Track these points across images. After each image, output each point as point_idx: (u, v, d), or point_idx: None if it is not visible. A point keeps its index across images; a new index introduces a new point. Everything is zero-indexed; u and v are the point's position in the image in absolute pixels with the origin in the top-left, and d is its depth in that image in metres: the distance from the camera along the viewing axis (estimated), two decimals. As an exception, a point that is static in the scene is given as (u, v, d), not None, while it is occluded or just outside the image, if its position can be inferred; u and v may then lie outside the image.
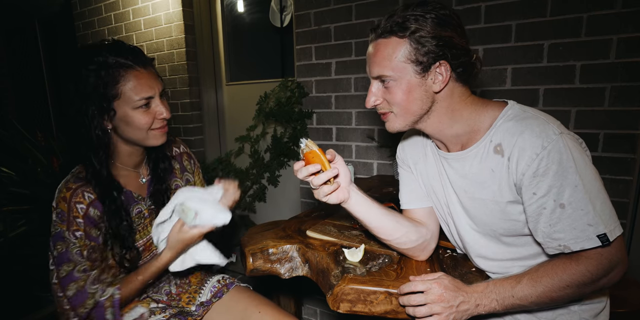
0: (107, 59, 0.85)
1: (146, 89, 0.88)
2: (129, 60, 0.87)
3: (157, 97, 0.92)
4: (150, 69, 0.92)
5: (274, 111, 2.01)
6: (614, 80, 1.31)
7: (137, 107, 0.88)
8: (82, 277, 0.86)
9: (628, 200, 1.35)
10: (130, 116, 0.89)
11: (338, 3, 1.84)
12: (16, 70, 3.96)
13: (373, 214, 0.87)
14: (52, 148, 2.11)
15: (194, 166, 1.19)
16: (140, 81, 0.87)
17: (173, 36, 2.51)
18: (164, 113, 0.92)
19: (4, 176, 2.02)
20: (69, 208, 0.87)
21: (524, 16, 1.42)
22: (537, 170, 0.70)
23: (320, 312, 2.08)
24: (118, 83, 0.85)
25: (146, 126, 0.91)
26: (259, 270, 1.04)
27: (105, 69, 0.84)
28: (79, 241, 0.87)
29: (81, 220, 0.88)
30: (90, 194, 0.90)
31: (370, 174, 1.91)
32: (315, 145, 0.80)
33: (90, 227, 0.90)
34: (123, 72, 0.86)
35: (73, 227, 0.87)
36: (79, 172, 0.93)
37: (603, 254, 0.68)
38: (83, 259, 0.87)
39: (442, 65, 0.75)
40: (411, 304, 0.75)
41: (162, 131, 0.95)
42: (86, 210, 0.89)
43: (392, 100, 0.80)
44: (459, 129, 0.82)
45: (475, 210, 0.83)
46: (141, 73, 0.88)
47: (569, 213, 0.68)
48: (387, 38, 0.76)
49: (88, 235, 0.89)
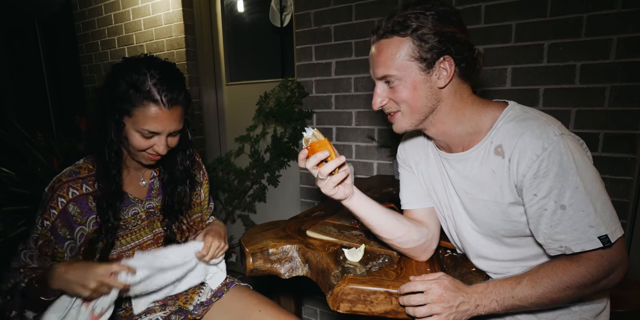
0: (145, 82, 0.86)
1: (155, 126, 0.89)
2: (160, 96, 0.87)
3: (163, 135, 0.92)
4: (176, 110, 0.91)
5: (274, 111, 2.01)
6: (614, 80, 1.31)
7: (139, 131, 0.90)
8: (23, 262, 0.88)
9: (628, 200, 1.35)
10: (131, 134, 0.91)
11: (338, 3, 1.84)
12: (16, 70, 3.96)
13: (375, 213, 0.87)
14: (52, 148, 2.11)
15: (202, 178, 1.19)
16: (155, 118, 0.88)
17: (173, 36, 2.51)
18: (160, 149, 0.93)
19: (4, 176, 2.02)
20: (51, 197, 0.89)
21: (524, 16, 1.42)
22: (538, 172, 0.70)
23: (320, 312, 2.08)
24: (136, 106, 0.87)
25: (139, 148, 0.92)
26: (259, 270, 1.04)
27: (135, 90, 0.86)
28: (42, 230, 0.89)
29: (55, 212, 0.88)
30: (75, 190, 0.91)
31: (370, 174, 1.91)
32: (321, 135, 0.79)
33: (63, 223, 0.90)
34: (146, 102, 0.86)
35: (45, 215, 0.88)
36: (79, 167, 0.95)
37: (604, 255, 0.68)
38: (35, 246, 0.89)
39: (446, 60, 0.76)
40: (411, 304, 0.75)
41: (151, 158, 0.96)
42: (65, 205, 0.90)
43: (398, 99, 0.79)
44: (461, 130, 0.82)
45: (476, 211, 0.83)
46: (162, 111, 0.88)
47: (570, 214, 0.68)
48: (389, 38, 0.77)
49: (53, 229, 0.89)
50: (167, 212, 1.08)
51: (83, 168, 0.95)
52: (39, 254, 0.89)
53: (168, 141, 0.94)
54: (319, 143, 0.78)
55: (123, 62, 0.92)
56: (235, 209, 2.42)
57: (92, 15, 2.94)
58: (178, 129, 0.94)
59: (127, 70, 0.87)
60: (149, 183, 1.07)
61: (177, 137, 0.97)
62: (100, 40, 2.95)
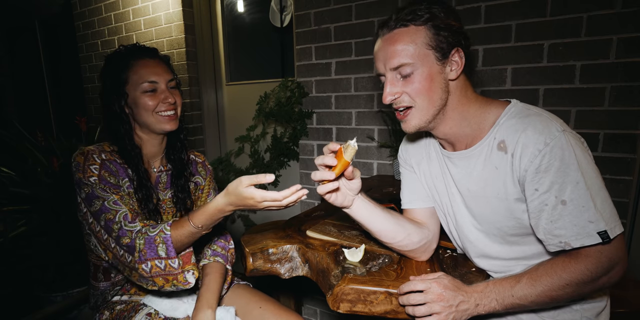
0: (122, 51, 1.02)
1: (150, 75, 0.99)
2: (140, 52, 1.02)
3: (163, 84, 1.02)
4: (159, 61, 1.04)
5: (274, 111, 2.01)
6: (614, 80, 1.31)
7: (143, 91, 0.99)
8: (112, 210, 0.88)
9: (628, 200, 1.35)
10: (138, 98, 0.99)
11: (338, 3, 1.84)
12: (16, 70, 3.96)
13: (375, 218, 0.87)
14: (52, 148, 2.11)
15: (207, 173, 1.22)
16: (146, 68, 1.00)
17: (173, 36, 2.51)
18: (169, 97, 1.01)
19: (4, 176, 2.02)
20: (86, 158, 0.94)
21: (524, 16, 1.42)
22: (540, 167, 0.70)
23: (320, 312, 2.08)
24: (128, 69, 0.99)
25: (151, 108, 1.00)
26: (259, 270, 1.04)
27: (118, 60, 1.00)
28: (96, 184, 0.92)
29: (96, 166, 0.94)
30: (106, 155, 0.98)
31: (370, 174, 1.91)
32: (353, 155, 0.76)
33: (108, 173, 0.95)
34: (133, 61, 1.00)
35: (88, 173, 0.92)
36: (101, 145, 1.02)
37: (603, 252, 0.68)
38: (108, 193, 0.91)
39: (457, 52, 0.77)
40: (411, 303, 0.75)
41: (169, 118, 1.03)
42: (102, 160, 0.96)
43: (414, 90, 0.77)
44: (466, 127, 0.82)
45: (479, 209, 0.84)
46: (148, 62, 1.01)
47: (570, 209, 0.68)
48: (406, 26, 0.76)
49: (103, 180, 0.93)
50: (179, 203, 1.11)
51: (105, 145, 1.02)
52: (119, 196, 0.91)
53: (172, 94, 1.03)
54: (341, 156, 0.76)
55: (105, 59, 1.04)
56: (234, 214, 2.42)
57: (92, 15, 2.94)
58: (172, 78, 1.05)
59: (108, 58, 1.03)
60: (157, 176, 1.10)
61: (178, 92, 1.07)
62: (100, 40, 2.95)
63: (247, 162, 2.28)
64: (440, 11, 0.75)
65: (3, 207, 1.93)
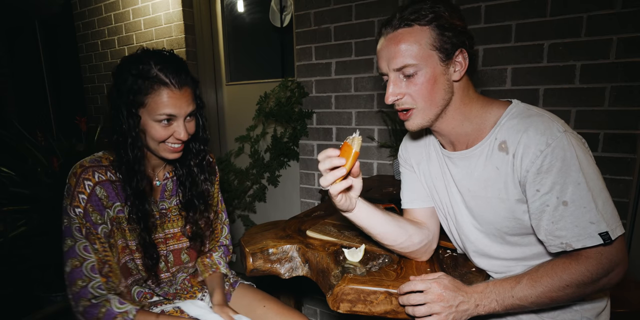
0: (150, 70, 0.88)
1: (170, 108, 0.89)
2: (168, 79, 0.89)
3: (181, 118, 0.92)
4: (187, 91, 0.92)
5: (274, 111, 2.01)
6: (614, 80, 1.31)
7: (157, 120, 0.90)
8: (80, 256, 0.87)
9: (628, 200, 1.35)
10: (149, 126, 0.91)
11: (338, 3, 1.84)
12: (16, 70, 3.96)
13: (377, 221, 0.87)
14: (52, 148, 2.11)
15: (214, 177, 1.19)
16: (168, 100, 0.89)
17: (173, 36, 2.51)
18: (181, 134, 0.93)
19: (4, 176, 2.02)
20: (77, 183, 0.88)
21: (524, 16, 1.42)
22: (541, 167, 0.70)
23: (320, 312, 2.08)
24: (148, 94, 0.88)
25: (159, 139, 0.92)
26: (259, 270, 1.04)
27: (143, 79, 0.88)
28: (77, 218, 0.88)
29: (85, 197, 0.88)
30: (101, 175, 0.91)
31: (370, 174, 1.91)
32: (359, 146, 0.74)
33: (93, 208, 0.89)
34: (157, 87, 0.88)
35: (75, 202, 0.88)
36: (99, 157, 0.95)
37: (603, 253, 0.68)
38: (82, 235, 0.87)
39: (461, 53, 0.76)
40: (410, 303, 0.75)
41: (174, 150, 0.96)
42: (93, 187, 0.89)
43: (416, 92, 0.77)
44: (468, 127, 0.82)
45: (479, 209, 0.83)
46: (173, 93, 0.89)
47: (572, 210, 0.68)
48: (410, 27, 0.75)
49: (86, 215, 0.88)
50: (189, 207, 1.07)
51: (104, 158, 0.95)
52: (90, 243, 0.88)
53: (187, 127, 0.94)
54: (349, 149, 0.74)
55: (123, 60, 0.93)
56: (235, 209, 2.42)
57: (92, 15, 2.94)
58: (193, 110, 0.94)
59: (131, 64, 0.89)
60: (162, 184, 1.07)
61: (193, 122, 0.98)
62: (100, 40, 2.95)
63: (247, 162, 2.28)
64: (445, 10, 0.74)
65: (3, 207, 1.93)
